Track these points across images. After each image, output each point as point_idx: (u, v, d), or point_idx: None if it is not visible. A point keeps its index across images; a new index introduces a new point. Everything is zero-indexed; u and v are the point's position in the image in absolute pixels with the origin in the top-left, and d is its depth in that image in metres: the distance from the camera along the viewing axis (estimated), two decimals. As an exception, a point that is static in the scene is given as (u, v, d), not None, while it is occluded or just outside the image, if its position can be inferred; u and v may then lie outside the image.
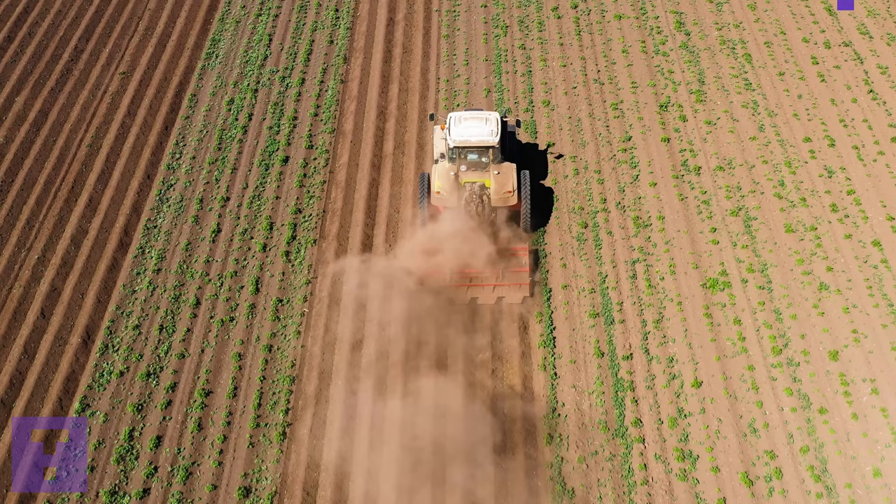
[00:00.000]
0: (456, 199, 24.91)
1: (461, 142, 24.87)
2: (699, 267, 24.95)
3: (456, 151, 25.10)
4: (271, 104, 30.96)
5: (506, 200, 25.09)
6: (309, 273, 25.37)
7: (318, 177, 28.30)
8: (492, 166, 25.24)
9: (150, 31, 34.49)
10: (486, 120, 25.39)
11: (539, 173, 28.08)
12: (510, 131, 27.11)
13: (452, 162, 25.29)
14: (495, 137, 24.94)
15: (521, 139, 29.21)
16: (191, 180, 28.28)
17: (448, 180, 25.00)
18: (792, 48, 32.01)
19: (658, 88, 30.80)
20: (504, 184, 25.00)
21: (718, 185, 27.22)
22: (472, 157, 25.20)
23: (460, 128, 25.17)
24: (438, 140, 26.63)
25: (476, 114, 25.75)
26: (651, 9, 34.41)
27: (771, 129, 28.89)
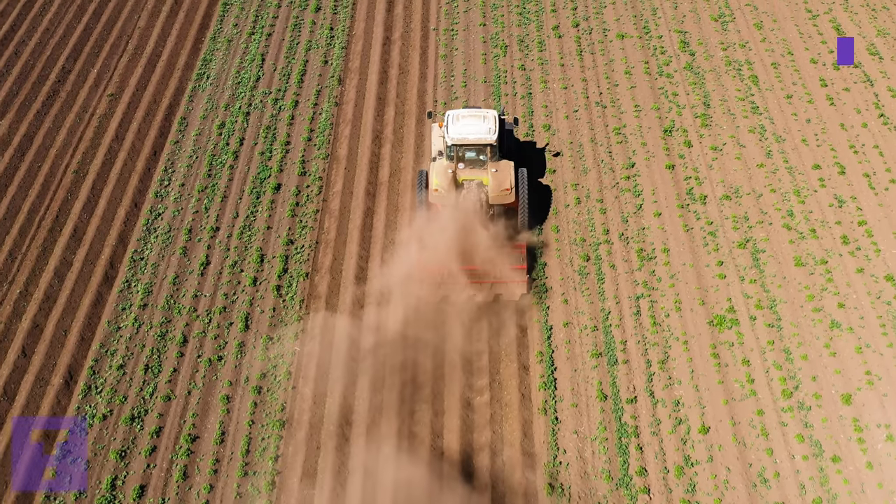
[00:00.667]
0: (454, 196, 24.86)
1: (459, 139, 24.87)
2: (706, 303, 24.03)
3: (454, 149, 25.08)
4: (263, 128, 30.03)
5: (503, 198, 25.02)
6: (301, 309, 24.44)
7: (310, 205, 27.37)
8: (489, 164, 25.21)
9: (140, 51, 33.56)
10: (484, 118, 25.41)
11: (537, 171, 27.85)
12: (508, 129, 27.00)
13: (450, 160, 25.25)
14: (493, 135, 24.93)
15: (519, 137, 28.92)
16: (179, 209, 27.34)
17: (446, 178, 24.95)
18: (800, 69, 31.09)
19: (662, 112, 29.88)
20: (502, 181, 24.95)
21: (725, 215, 26.29)
22: (470, 154, 25.22)
23: (458, 125, 25.19)
24: (436, 138, 26.57)
25: (474, 112, 25.73)
26: (654, 28, 33.48)
27: (779, 156, 27.97)
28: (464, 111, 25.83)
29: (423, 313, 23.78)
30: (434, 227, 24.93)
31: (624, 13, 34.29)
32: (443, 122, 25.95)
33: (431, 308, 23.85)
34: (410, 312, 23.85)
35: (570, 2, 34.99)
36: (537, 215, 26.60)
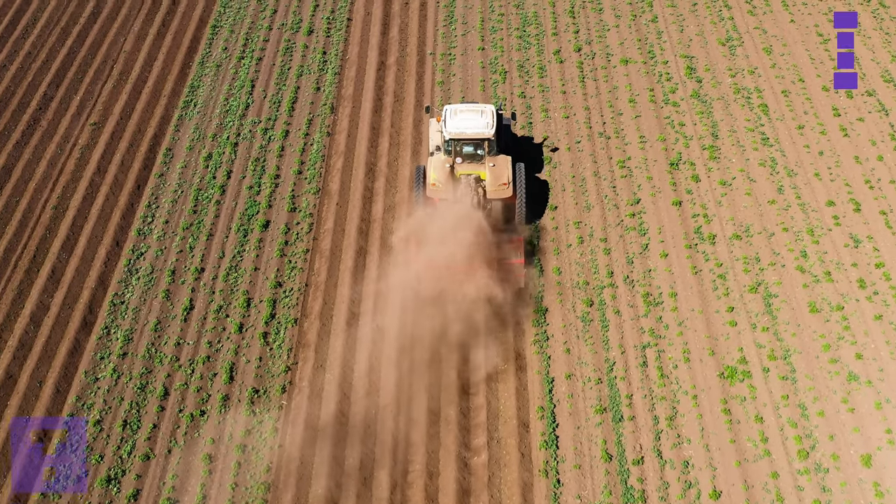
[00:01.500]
0: (451, 191, 24.86)
1: (457, 134, 24.87)
2: (716, 353, 22.77)
3: (451, 144, 25.04)
4: (252, 160, 28.76)
5: (501, 193, 25.00)
6: (288, 358, 23.18)
7: (300, 244, 26.11)
8: (487, 159, 25.18)
9: (125, 76, 32.28)
10: (482, 112, 25.39)
11: (535, 166, 27.77)
12: (506, 124, 26.93)
13: (448, 154, 25.20)
14: (491, 130, 24.91)
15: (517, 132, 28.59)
16: (163, 248, 26.08)
17: (443, 172, 24.95)
18: (811, 97, 29.82)
19: (668, 143, 28.61)
20: (499, 176, 24.98)
21: (735, 256, 25.03)
22: (468, 149, 25.17)
23: (456, 120, 25.14)
24: (434, 133, 26.56)
25: (472, 106, 25.80)
26: (660, 52, 32.20)
27: (791, 191, 26.71)
28: (461, 106, 25.85)
29: (418, 366, 22.58)
30: (432, 225, 24.74)
31: (628, 37, 33.02)
32: (440, 116, 25.88)
33: (425, 362, 22.64)
34: (404, 364, 22.66)
35: (571, 25, 33.72)
36: (535, 210, 26.35)
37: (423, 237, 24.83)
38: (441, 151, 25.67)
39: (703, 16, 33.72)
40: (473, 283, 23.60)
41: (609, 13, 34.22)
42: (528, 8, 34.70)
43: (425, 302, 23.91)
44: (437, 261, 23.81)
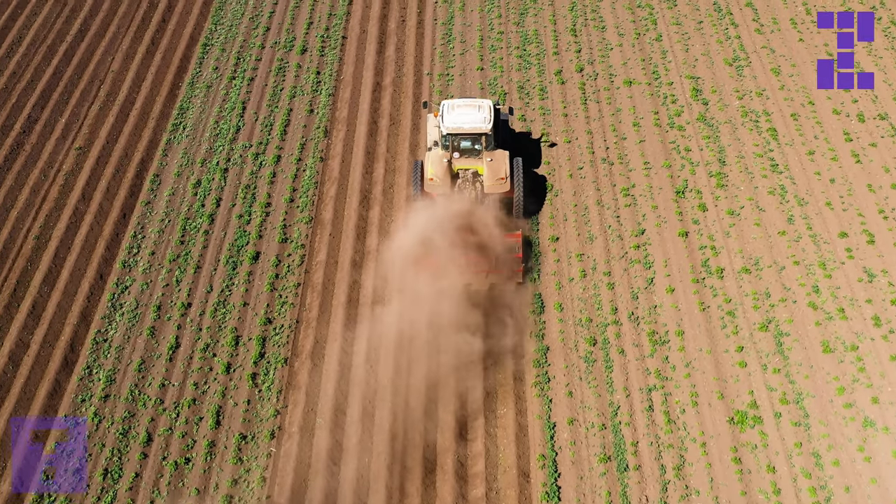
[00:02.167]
0: (449, 185, 25.00)
1: (454, 129, 24.98)
2: (725, 396, 21.75)
3: (449, 138, 25.16)
4: (242, 187, 27.72)
5: (498, 187, 25.12)
6: (278, 401, 22.17)
7: (291, 278, 25.08)
8: (485, 153, 25.32)
9: (112, 98, 31.25)
10: (479, 107, 25.51)
11: (533, 161, 27.89)
12: (503, 119, 26.91)
13: (445, 149, 25.36)
14: (488, 124, 25.04)
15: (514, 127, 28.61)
16: (148, 281, 25.05)
17: (441, 167, 25.07)
18: (822, 121, 28.80)
19: (674, 170, 27.59)
20: (497, 171, 25.09)
21: (744, 291, 24.00)
22: (465, 144, 25.27)
23: (453, 115, 25.28)
24: (432, 128, 26.65)
25: (469, 101, 25.93)
26: (664, 73, 31.17)
27: (801, 222, 25.68)
28: (459, 101, 25.96)
29: (414, 410, 21.59)
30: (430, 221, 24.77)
31: (632, 56, 32.00)
32: (438, 111, 25.88)
33: (422, 405, 21.65)
34: (399, 408, 21.67)
35: (573, 43, 32.71)
36: (533, 204, 26.41)
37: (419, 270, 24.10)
38: (439, 146, 25.72)
39: (708, 34, 32.71)
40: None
41: (612, 31, 33.20)
42: (528, 26, 33.70)
43: (422, 338, 23.01)
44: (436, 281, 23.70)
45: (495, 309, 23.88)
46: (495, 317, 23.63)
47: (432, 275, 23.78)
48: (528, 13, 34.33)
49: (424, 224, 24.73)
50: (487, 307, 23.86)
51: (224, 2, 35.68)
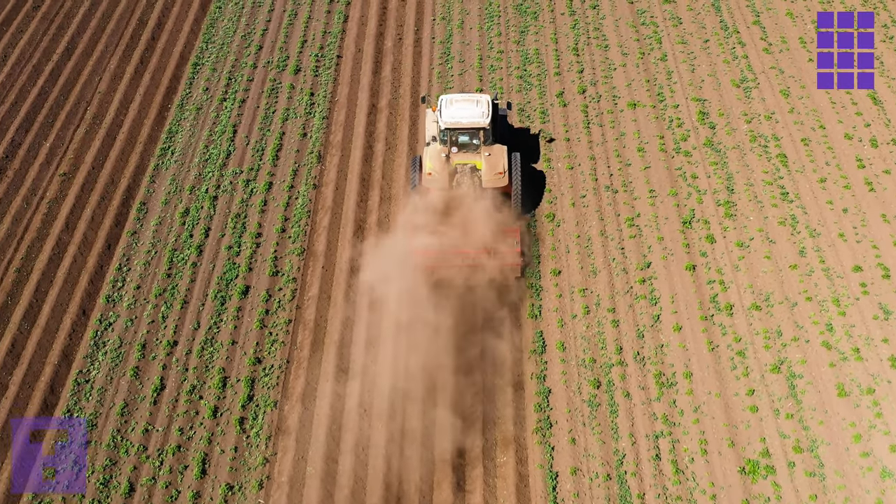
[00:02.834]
0: (447, 180, 24.97)
1: (452, 123, 24.99)
2: (735, 444, 20.71)
3: (447, 133, 25.14)
4: (232, 216, 26.70)
5: (496, 182, 25.09)
6: (267, 448, 21.14)
7: (282, 314, 24.06)
8: (483, 148, 25.29)
9: (99, 120, 30.22)
10: (478, 102, 25.52)
11: (531, 156, 28.02)
12: (501, 114, 26.96)
13: (444, 144, 25.33)
14: (486, 119, 25.05)
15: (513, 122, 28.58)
16: (133, 318, 24.03)
17: (439, 162, 25.04)
18: (833, 147, 27.76)
19: (680, 198, 26.56)
20: (495, 165, 25.09)
21: (755, 329, 22.98)
22: (463, 138, 25.26)
23: (451, 109, 25.29)
24: (430, 123, 26.55)
25: (467, 96, 25.96)
26: (670, 95, 30.15)
27: (814, 254, 24.65)
28: (457, 95, 26.06)
29: (409, 459, 20.58)
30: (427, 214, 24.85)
31: (636, 77, 30.98)
32: (436, 106, 25.83)
33: (418, 453, 20.64)
34: (394, 456, 20.67)
35: (575, 63, 31.68)
36: (531, 199, 26.45)
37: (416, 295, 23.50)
38: (437, 141, 25.64)
39: (715, 54, 31.69)
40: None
41: (615, 50, 32.18)
42: (528, 45, 32.68)
43: (417, 380, 22.07)
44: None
45: (495, 348, 22.90)
46: (495, 357, 22.64)
47: (430, 271, 23.86)
48: (529, 31, 33.32)
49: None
50: (487, 347, 22.89)
51: (216, 19, 34.69)
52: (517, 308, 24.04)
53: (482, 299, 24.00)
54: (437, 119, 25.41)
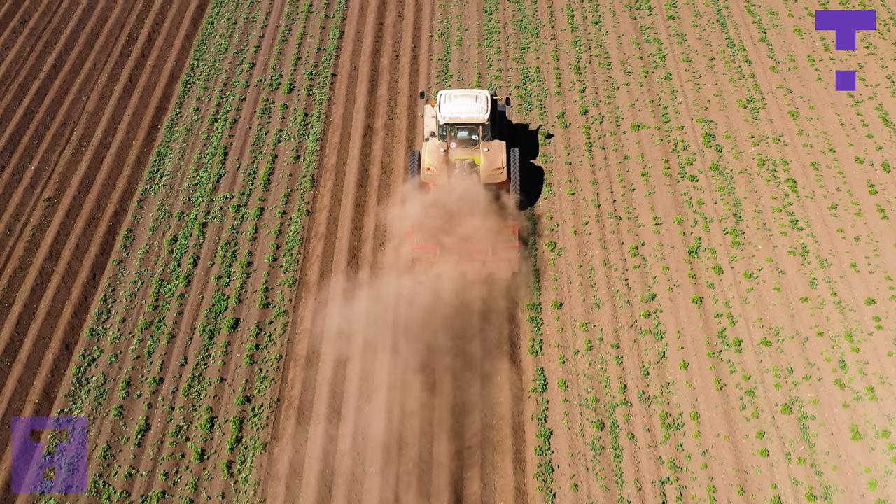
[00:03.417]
0: (445, 175, 24.99)
1: (451, 118, 25.03)
2: (746, 491, 19.79)
3: (446, 128, 25.17)
4: (222, 244, 25.77)
5: (495, 177, 25.16)
6: (255, 495, 20.21)
7: (273, 349, 23.14)
8: (481, 143, 25.33)
9: (86, 142, 29.30)
10: (476, 97, 25.56)
11: (530, 152, 28.10)
12: (500, 110, 26.98)
13: (442, 139, 25.35)
14: (485, 114, 25.09)
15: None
16: (118, 353, 23.10)
17: (438, 157, 25.06)
18: (844, 171, 26.86)
19: (686, 226, 25.64)
20: (493, 161, 25.11)
21: (765, 366, 22.06)
22: (462, 133, 25.32)
23: (450, 105, 25.33)
24: (429, 118, 26.56)
25: (466, 91, 25.98)
26: (674, 116, 29.23)
27: (825, 286, 23.74)
28: (456, 91, 26.06)
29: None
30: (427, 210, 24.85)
31: (639, 97, 30.05)
32: (435, 101, 25.92)
33: (412, 496, 19.73)
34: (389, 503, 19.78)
35: (577, 82, 30.76)
36: (529, 195, 26.56)
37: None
38: (436, 137, 25.66)
39: (721, 72, 30.77)
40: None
41: (618, 69, 31.27)
42: (529, 62, 31.76)
43: (414, 420, 21.18)
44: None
45: (494, 387, 22.01)
46: (494, 397, 21.73)
47: (428, 266, 23.96)
48: (529, 48, 32.40)
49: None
50: (485, 386, 21.98)
51: (207, 35, 33.77)
52: (517, 343, 23.13)
53: (481, 333, 23.09)
54: (437, 114, 25.35)
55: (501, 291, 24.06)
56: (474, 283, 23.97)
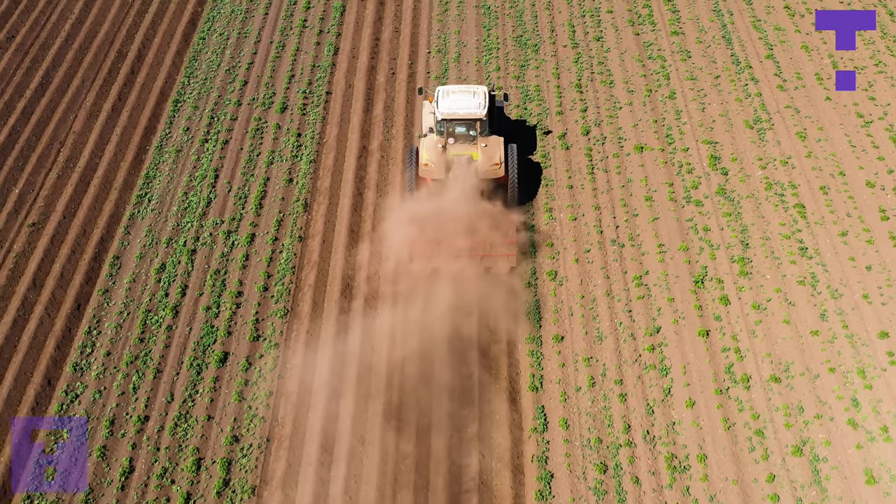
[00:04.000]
0: (443, 170, 24.99)
1: (449, 114, 25.09)
2: (756, 540, 18.97)
3: (444, 124, 25.20)
4: (211, 272, 24.91)
5: (493, 173, 25.16)
6: (243, 543, 19.38)
7: (263, 385, 22.26)
8: (479, 139, 25.32)
9: (72, 164, 28.44)
10: (474, 93, 25.68)
11: (528, 148, 28.11)
12: (498, 106, 27.02)
13: (440, 135, 25.38)
14: (483, 110, 25.16)
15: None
16: (102, 389, 22.22)
17: (436, 152, 25.07)
18: (854, 195, 25.99)
19: (691, 253, 24.79)
20: (491, 156, 25.11)
21: (774, 404, 21.19)
22: (460, 129, 25.33)
23: (448, 100, 25.43)
24: (427, 114, 26.66)
25: (464, 87, 26.10)
26: (679, 136, 28.37)
27: (836, 318, 22.87)
28: (454, 87, 26.17)
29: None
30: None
31: (643, 116, 29.19)
32: (433, 97, 26.02)
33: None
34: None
35: (579, 101, 29.89)
36: (527, 191, 26.59)
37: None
38: (434, 132, 25.72)
39: (727, 91, 29.91)
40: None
41: (621, 87, 30.41)
42: (529, 80, 30.90)
43: (408, 462, 20.34)
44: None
45: (493, 425, 21.17)
46: (493, 437, 20.88)
47: (426, 261, 23.98)
48: (530, 65, 31.54)
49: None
50: (483, 424, 21.13)
51: (199, 51, 32.89)
52: (516, 379, 22.28)
53: (480, 369, 22.25)
54: (435, 110, 25.40)
55: (501, 324, 23.24)
56: (472, 316, 23.14)
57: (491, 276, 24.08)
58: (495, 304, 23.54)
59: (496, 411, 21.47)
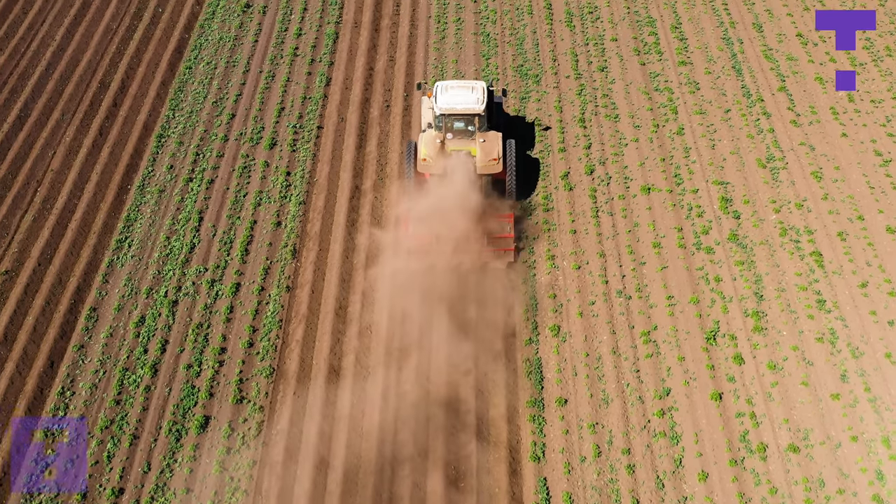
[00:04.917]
0: (442, 166, 24.89)
1: (447, 109, 25.08)
2: None
3: (442, 119, 25.20)
4: (193, 326, 23.49)
5: (491, 168, 25.14)
6: None
7: (246, 454, 20.83)
8: (478, 134, 25.34)
9: (49, 205, 27.01)
10: (473, 88, 25.68)
11: (526, 143, 28.03)
12: (497, 102, 27.01)
13: (439, 130, 25.34)
14: (481, 105, 25.17)
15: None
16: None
17: (434, 148, 25.04)
18: (874, 243, 24.60)
19: (702, 307, 23.38)
20: (490, 152, 25.14)
21: (793, 477, 19.80)
22: (459, 124, 25.33)
23: (447, 96, 25.41)
24: (425, 109, 26.62)
25: (463, 83, 26.09)
26: (688, 176, 26.96)
27: (857, 380, 21.48)
28: (453, 82, 26.17)
29: None
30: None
31: (649, 154, 27.78)
32: (432, 92, 25.96)
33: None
34: None
35: (582, 137, 28.48)
36: (525, 187, 26.50)
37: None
38: (432, 128, 25.62)
39: (737, 126, 28.50)
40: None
41: (626, 121, 28.99)
42: (530, 114, 29.47)
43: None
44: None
45: (491, 501, 19.75)
46: None
47: (425, 255, 23.94)
48: (531, 98, 30.11)
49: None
50: (480, 500, 19.71)
51: (185, 81, 31.42)
52: (517, 447, 20.86)
53: (477, 436, 20.84)
54: (433, 105, 25.43)
55: (500, 385, 21.84)
56: (468, 378, 21.72)
57: (492, 330, 22.63)
58: (496, 364, 22.16)
59: (495, 485, 20.06)
